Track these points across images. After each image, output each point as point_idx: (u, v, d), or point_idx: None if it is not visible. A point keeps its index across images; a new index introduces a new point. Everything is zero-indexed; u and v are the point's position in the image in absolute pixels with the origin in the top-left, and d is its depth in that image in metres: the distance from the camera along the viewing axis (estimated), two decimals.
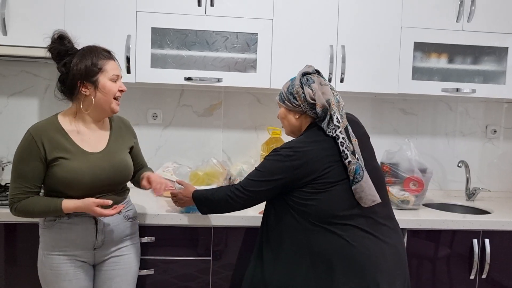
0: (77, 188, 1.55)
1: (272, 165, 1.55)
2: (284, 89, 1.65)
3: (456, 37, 2.30)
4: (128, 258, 1.71)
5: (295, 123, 1.64)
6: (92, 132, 1.64)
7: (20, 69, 2.44)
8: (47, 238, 1.60)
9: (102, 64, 1.58)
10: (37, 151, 1.52)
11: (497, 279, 2.09)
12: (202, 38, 2.30)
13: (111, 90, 1.59)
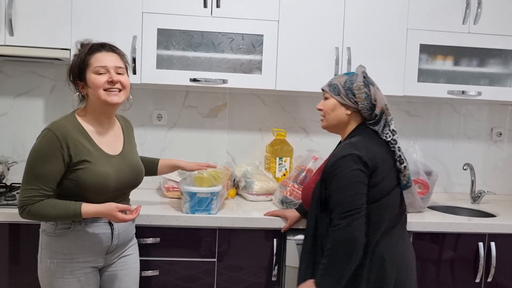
0: (102, 193, 1.51)
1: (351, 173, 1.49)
2: (338, 82, 1.62)
3: (462, 40, 2.30)
4: (133, 258, 1.72)
5: (344, 119, 1.62)
6: (108, 133, 1.61)
7: (26, 70, 2.45)
8: (58, 246, 1.53)
9: (87, 59, 1.52)
10: (61, 152, 1.45)
11: (503, 282, 2.08)
12: (207, 39, 2.30)
13: (94, 82, 1.50)
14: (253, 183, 2.27)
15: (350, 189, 1.48)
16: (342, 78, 1.63)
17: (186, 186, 1.91)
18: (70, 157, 1.46)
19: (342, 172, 1.49)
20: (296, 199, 2.05)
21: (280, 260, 1.98)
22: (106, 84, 1.51)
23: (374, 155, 1.51)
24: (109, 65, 1.53)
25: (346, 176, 1.49)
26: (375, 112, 1.57)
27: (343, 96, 1.60)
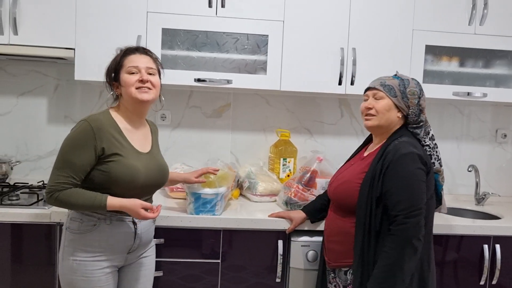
0: (130, 187, 1.54)
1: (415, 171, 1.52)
2: (392, 83, 1.62)
3: (468, 41, 2.28)
4: (151, 259, 1.74)
5: (394, 121, 1.63)
6: (139, 131, 1.66)
7: (30, 69, 2.44)
8: (81, 244, 1.54)
9: (122, 61, 1.61)
10: (94, 143, 1.49)
11: (507, 285, 2.07)
12: (212, 39, 2.29)
13: (126, 81, 1.58)
14: (257, 184, 2.26)
15: (415, 187, 1.50)
16: (394, 80, 1.64)
17: (191, 187, 1.90)
18: (103, 150, 1.51)
19: (406, 169, 1.50)
20: (300, 200, 2.04)
21: (284, 261, 1.97)
22: (137, 82, 1.58)
23: (426, 156, 1.57)
24: (141, 65, 1.60)
25: (410, 174, 1.50)
26: (421, 119, 1.63)
27: (399, 99, 1.61)
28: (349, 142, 2.62)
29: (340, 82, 2.23)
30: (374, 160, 1.59)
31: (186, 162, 2.48)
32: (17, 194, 2.10)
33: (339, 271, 1.67)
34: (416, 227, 1.47)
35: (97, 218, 1.55)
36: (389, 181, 1.51)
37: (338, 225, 1.66)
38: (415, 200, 1.49)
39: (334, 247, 1.67)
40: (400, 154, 1.51)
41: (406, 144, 1.55)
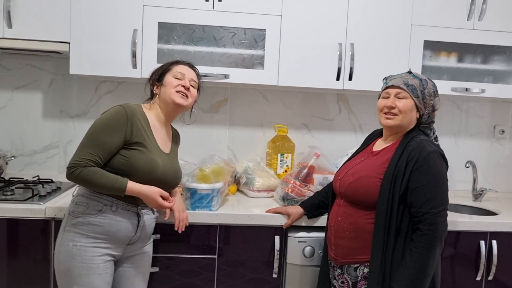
0: (147, 179, 1.58)
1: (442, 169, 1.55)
2: (414, 84, 1.61)
3: (467, 36, 2.27)
4: (148, 255, 1.77)
5: (413, 121, 1.65)
6: (163, 132, 1.73)
7: (25, 63, 2.42)
8: (83, 229, 1.55)
9: (171, 66, 1.73)
10: (125, 127, 1.56)
11: (504, 281, 2.07)
12: (209, 33, 2.27)
13: (170, 82, 1.69)
14: (254, 180, 2.25)
15: (443, 186, 1.53)
16: (415, 80, 1.62)
17: (187, 182, 1.89)
18: (131, 135, 1.57)
19: (434, 167, 1.52)
20: (297, 195, 2.03)
21: (281, 257, 1.96)
22: (179, 86, 1.69)
23: None
24: (187, 74, 1.73)
25: (438, 172, 1.52)
26: (432, 119, 1.66)
27: (420, 99, 1.62)
28: (347, 137, 2.61)
29: (338, 77, 2.21)
30: (394, 156, 1.58)
31: (182, 157, 2.46)
32: (12, 189, 2.08)
33: (348, 267, 1.65)
34: (445, 226, 1.50)
35: (103, 203, 1.57)
36: (418, 178, 1.51)
37: (351, 221, 1.63)
38: (444, 199, 1.52)
39: (344, 243, 1.64)
40: (427, 152, 1.52)
41: (429, 142, 1.57)
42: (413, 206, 1.52)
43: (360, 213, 1.61)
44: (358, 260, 1.62)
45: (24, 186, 2.17)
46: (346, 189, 1.66)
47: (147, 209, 1.68)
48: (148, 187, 1.58)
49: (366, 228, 1.59)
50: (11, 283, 1.88)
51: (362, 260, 1.61)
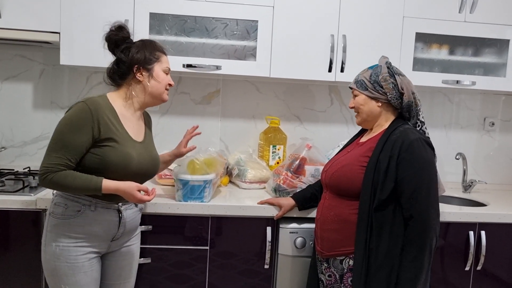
0: (122, 174, 1.53)
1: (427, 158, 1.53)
2: (363, 77, 1.65)
3: (458, 28, 2.28)
4: (135, 248, 1.75)
5: (376, 111, 1.65)
6: (135, 120, 1.66)
7: (15, 53, 2.39)
8: (65, 230, 1.53)
9: (159, 55, 1.66)
10: (91, 125, 1.48)
11: (492, 271, 2.11)
12: (201, 24, 2.26)
13: (164, 79, 1.66)
14: (246, 171, 2.26)
15: (430, 173, 1.51)
16: (367, 72, 1.66)
17: (179, 173, 1.89)
18: (99, 132, 1.50)
19: (418, 155, 1.51)
20: (289, 187, 2.04)
21: (273, 248, 1.98)
22: (168, 85, 1.69)
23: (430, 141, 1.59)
24: (170, 69, 1.71)
25: (423, 159, 1.51)
26: (404, 100, 1.62)
27: (371, 90, 1.63)
28: (339, 129, 2.62)
29: (330, 69, 2.22)
30: (378, 145, 1.58)
31: None
32: (2, 180, 2.07)
33: (334, 260, 1.64)
34: (436, 214, 1.50)
35: (81, 204, 1.54)
36: (404, 168, 1.50)
37: (335, 212, 1.63)
38: (432, 187, 1.51)
39: (329, 236, 1.64)
40: (411, 140, 1.51)
41: (413, 130, 1.57)
42: (402, 196, 1.51)
43: (345, 204, 1.61)
44: (343, 252, 1.61)
45: (15, 177, 2.16)
46: (330, 179, 1.67)
47: (128, 204, 1.63)
48: (125, 183, 1.51)
49: (350, 219, 1.58)
50: (3, 274, 1.87)
51: (347, 252, 1.60)
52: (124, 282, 1.72)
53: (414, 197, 1.49)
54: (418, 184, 1.49)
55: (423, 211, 1.48)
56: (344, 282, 1.62)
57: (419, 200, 1.48)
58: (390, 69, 1.63)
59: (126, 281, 1.72)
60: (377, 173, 1.53)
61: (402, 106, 1.63)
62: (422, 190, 1.49)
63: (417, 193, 1.49)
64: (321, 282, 1.73)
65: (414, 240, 1.49)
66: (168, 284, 1.95)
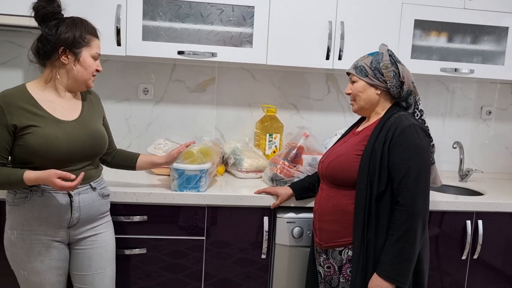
0: (52, 157, 1.49)
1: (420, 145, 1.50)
2: (364, 63, 1.61)
3: (457, 15, 2.25)
4: (104, 236, 1.68)
5: (375, 99, 1.61)
6: (64, 100, 1.59)
7: (4, 39, 2.32)
8: (17, 217, 1.53)
9: (89, 39, 1.58)
10: (3, 119, 1.46)
11: (488, 260, 2.11)
12: (196, 10, 2.20)
13: (92, 66, 1.59)
14: (242, 160, 2.23)
15: (422, 160, 1.49)
16: (367, 59, 1.62)
17: (174, 163, 1.86)
18: (15, 124, 1.47)
19: (411, 141, 1.48)
20: (286, 176, 2.02)
21: (270, 238, 1.96)
22: (95, 71, 1.61)
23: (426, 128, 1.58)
24: (100, 54, 1.63)
25: (416, 146, 1.48)
26: (404, 89, 1.59)
27: (371, 77, 1.59)
28: (336, 118, 2.60)
29: (327, 56, 2.18)
30: (373, 132, 1.55)
31: (169, 137, 2.43)
32: None
33: (333, 251, 1.62)
34: (424, 200, 1.47)
35: (29, 190, 1.52)
36: (396, 154, 1.49)
37: (333, 203, 1.61)
38: (423, 173, 1.47)
39: (327, 227, 1.62)
40: (404, 127, 1.49)
41: (408, 117, 1.55)
42: (393, 182, 1.49)
43: (342, 194, 1.59)
44: (342, 243, 1.59)
45: None
46: (326, 169, 1.65)
47: (82, 188, 1.58)
48: (45, 171, 1.44)
49: (348, 209, 1.56)
50: None
51: (346, 243, 1.58)
52: (98, 273, 1.65)
53: (403, 183, 1.46)
54: (408, 170, 1.46)
55: (410, 197, 1.45)
56: (343, 273, 1.61)
57: (407, 185, 1.45)
58: (392, 56, 1.61)
59: (99, 272, 1.65)
60: (372, 161, 1.51)
61: (401, 96, 1.60)
62: (411, 175, 1.46)
63: (406, 179, 1.46)
64: (319, 274, 1.72)
65: (398, 224, 1.46)
66: (164, 274, 1.93)
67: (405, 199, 1.45)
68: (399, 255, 1.45)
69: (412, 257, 1.46)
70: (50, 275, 1.56)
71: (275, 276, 1.98)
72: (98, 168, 1.69)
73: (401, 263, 1.45)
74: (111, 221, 1.74)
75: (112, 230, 1.73)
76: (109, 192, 1.72)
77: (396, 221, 1.46)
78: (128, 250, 1.88)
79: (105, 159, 1.83)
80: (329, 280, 1.66)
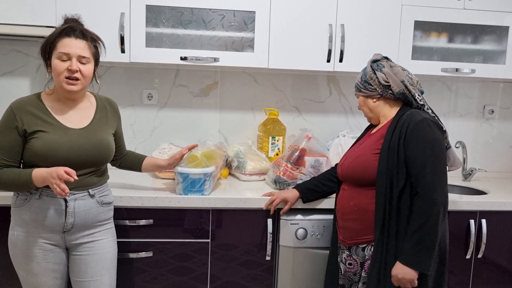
0: (53, 161, 1.52)
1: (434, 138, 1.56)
2: (357, 80, 1.74)
3: (457, 16, 2.26)
4: (102, 244, 1.66)
5: (374, 106, 1.71)
6: (75, 110, 1.64)
7: (11, 48, 2.37)
8: (17, 219, 1.59)
9: (56, 42, 1.54)
10: (15, 124, 1.53)
11: (493, 259, 2.11)
12: (198, 16, 2.24)
13: (56, 69, 1.54)
14: (246, 163, 2.25)
15: (437, 152, 1.54)
16: (359, 75, 1.75)
17: (179, 167, 1.89)
18: (25, 128, 1.54)
19: (424, 135, 1.54)
20: (289, 178, 2.04)
21: (274, 239, 1.98)
22: (66, 72, 1.54)
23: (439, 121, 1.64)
24: (72, 52, 1.53)
25: (430, 139, 1.54)
26: (392, 91, 1.65)
27: (363, 90, 1.71)
28: (338, 119, 2.62)
29: (328, 59, 2.20)
30: (388, 130, 1.62)
31: (174, 142, 2.46)
32: None
33: (356, 248, 1.67)
34: (443, 191, 1.51)
35: (29, 192, 1.57)
36: (411, 148, 1.54)
37: (355, 202, 1.66)
38: (439, 166, 1.52)
39: (349, 225, 1.68)
40: (417, 121, 1.55)
41: (420, 112, 1.61)
42: (411, 175, 1.54)
43: (363, 193, 1.64)
44: (365, 240, 1.64)
45: None
46: (346, 171, 1.71)
47: (79, 194, 1.59)
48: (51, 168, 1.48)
49: (370, 208, 1.61)
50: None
51: (369, 240, 1.63)
52: (94, 280, 1.64)
53: (420, 174, 1.51)
54: (424, 162, 1.52)
55: (428, 188, 1.50)
56: (365, 268, 1.65)
57: (425, 177, 1.51)
58: (373, 65, 1.70)
59: (96, 279, 1.64)
60: (390, 157, 1.57)
61: (397, 97, 1.67)
62: (427, 167, 1.51)
63: (423, 170, 1.51)
64: (340, 271, 1.76)
65: (418, 214, 1.51)
66: (170, 277, 1.96)
67: (423, 189, 1.50)
68: (420, 243, 1.50)
69: (432, 245, 1.51)
70: (46, 278, 1.59)
71: (280, 278, 2.00)
72: (102, 176, 1.70)
73: (422, 251, 1.51)
74: (113, 229, 1.74)
75: (113, 238, 1.72)
76: (111, 200, 1.72)
77: (416, 211, 1.52)
78: (135, 254, 1.91)
79: (113, 163, 1.88)
80: (349, 276, 1.71)
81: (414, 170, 1.53)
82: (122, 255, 1.83)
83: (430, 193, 1.50)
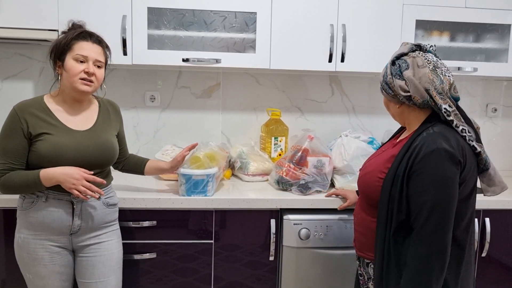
0: (60, 164, 1.54)
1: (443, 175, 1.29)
2: (380, 77, 1.47)
3: (459, 14, 2.26)
4: (108, 245, 1.69)
5: (398, 112, 1.47)
6: (78, 112, 1.66)
7: (14, 52, 2.39)
8: (24, 222, 1.60)
9: (72, 43, 1.59)
10: (20, 126, 1.54)
11: (497, 257, 2.11)
12: (199, 18, 2.24)
13: (71, 69, 1.57)
14: (248, 164, 2.26)
15: (443, 193, 1.28)
16: (382, 71, 1.47)
17: (181, 168, 1.90)
18: (29, 131, 1.55)
19: (431, 171, 1.29)
20: (292, 179, 2.04)
21: (277, 240, 1.98)
22: (82, 73, 1.58)
23: (460, 148, 1.33)
24: (90, 56, 1.59)
25: (437, 177, 1.29)
26: (415, 102, 1.39)
27: (385, 92, 1.45)
28: (340, 119, 2.62)
29: (330, 59, 2.20)
30: (398, 154, 1.39)
31: (177, 143, 2.47)
32: None
33: (363, 261, 1.58)
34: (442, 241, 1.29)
35: (36, 195, 1.58)
36: (415, 184, 1.32)
37: (361, 216, 1.56)
38: (442, 210, 1.28)
39: (357, 236, 1.59)
40: (426, 152, 1.30)
41: (439, 136, 1.32)
42: (411, 215, 1.34)
43: (368, 210, 1.51)
44: (368, 257, 1.54)
45: None
46: (358, 182, 1.58)
47: None
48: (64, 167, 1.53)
49: (372, 226, 1.47)
50: None
51: (371, 258, 1.52)
52: (101, 281, 1.65)
53: (418, 219, 1.30)
54: (422, 205, 1.30)
55: (423, 237, 1.29)
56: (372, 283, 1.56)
57: (421, 222, 1.30)
58: (394, 66, 1.41)
59: (102, 280, 1.65)
60: (394, 187, 1.36)
61: (419, 106, 1.40)
62: (424, 212, 1.29)
63: (420, 215, 1.30)
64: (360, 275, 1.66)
65: (410, 264, 1.31)
66: (174, 278, 1.97)
67: (418, 238, 1.30)
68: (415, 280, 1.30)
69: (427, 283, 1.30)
70: (53, 280, 1.60)
71: (284, 278, 2.00)
72: (107, 177, 1.72)
73: None
74: (119, 230, 1.76)
75: (118, 239, 1.74)
76: (116, 201, 1.74)
77: (409, 259, 1.32)
78: (139, 255, 1.92)
79: (116, 166, 1.89)
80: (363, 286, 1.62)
81: (413, 211, 1.32)
82: (126, 257, 1.83)
83: (425, 243, 1.29)
